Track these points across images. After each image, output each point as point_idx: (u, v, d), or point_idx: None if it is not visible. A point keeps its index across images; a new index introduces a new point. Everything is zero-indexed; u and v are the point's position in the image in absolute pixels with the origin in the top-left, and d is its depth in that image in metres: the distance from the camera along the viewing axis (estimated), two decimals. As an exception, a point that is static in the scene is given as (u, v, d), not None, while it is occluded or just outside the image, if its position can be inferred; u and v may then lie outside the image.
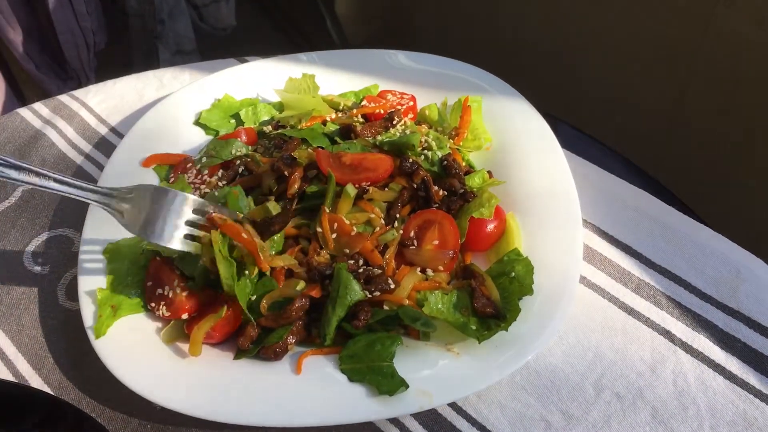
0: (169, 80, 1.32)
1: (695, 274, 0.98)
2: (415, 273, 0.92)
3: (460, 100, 1.15)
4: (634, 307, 0.95)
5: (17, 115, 1.28)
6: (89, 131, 1.25)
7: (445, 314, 0.88)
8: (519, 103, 1.16)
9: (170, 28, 2.34)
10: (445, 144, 1.06)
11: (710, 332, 0.92)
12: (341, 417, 0.81)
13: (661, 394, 0.86)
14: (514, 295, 0.89)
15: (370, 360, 0.85)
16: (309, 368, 0.85)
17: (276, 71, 1.24)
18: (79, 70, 2.33)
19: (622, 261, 1.01)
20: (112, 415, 0.87)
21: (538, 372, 0.89)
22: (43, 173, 0.81)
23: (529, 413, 0.85)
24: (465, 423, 0.85)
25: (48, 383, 0.90)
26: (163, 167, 1.10)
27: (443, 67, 1.24)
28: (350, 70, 1.25)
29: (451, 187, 0.99)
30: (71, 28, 2.21)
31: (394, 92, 1.19)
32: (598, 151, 1.20)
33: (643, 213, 1.06)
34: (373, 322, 0.88)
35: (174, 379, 0.84)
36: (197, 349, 0.87)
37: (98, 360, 0.85)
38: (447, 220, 0.94)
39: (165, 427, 0.85)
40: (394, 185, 0.99)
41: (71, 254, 1.05)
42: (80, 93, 1.31)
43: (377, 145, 1.03)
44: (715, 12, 1.50)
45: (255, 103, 1.21)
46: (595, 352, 0.91)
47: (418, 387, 0.82)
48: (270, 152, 1.07)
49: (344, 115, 1.13)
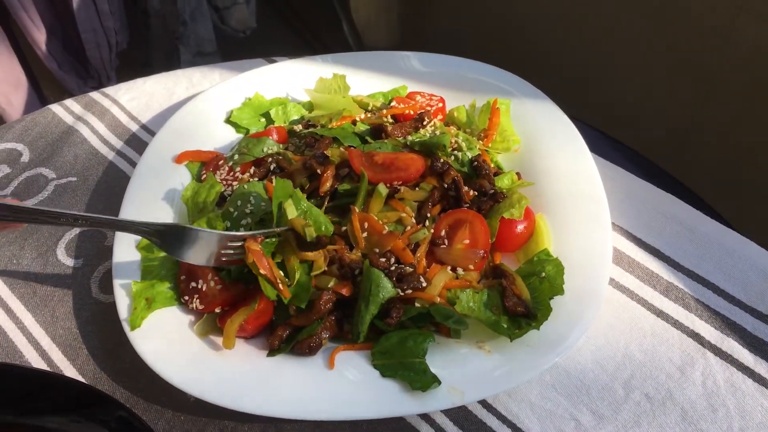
0: (198, 79, 1.34)
1: (723, 277, 0.99)
2: (445, 271, 0.93)
3: (489, 102, 1.16)
4: (662, 309, 0.96)
5: (49, 111, 1.30)
6: (120, 128, 1.26)
7: (477, 312, 0.89)
8: (547, 105, 1.17)
9: (192, 29, 2.36)
10: (474, 145, 1.07)
11: (739, 335, 0.93)
12: (374, 412, 0.82)
13: (690, 396, 0.87)
14: (545, 294, 0.90)
15: (402, 356, 0.85)
16: (342, 363, 0.86)
17: (305, 71, 1.26)
18: (100, 70, 2.35)
19: (651, 264, 1.01)
20: (146, 406, 0.88)
21: (568, 371, 0.90)
22: (105, 220, 0.85)
23: (558, 412, 0.86)
24: (495, 420, 0.86)
25: (82, 374, 0.92)
26: (195, 164, 1.11)
27: (471, 70, 1.25)
28: (378, 72, 1.26)
29: (482, 188, 1.00)
30: (94, 27, 2.24)
31: (423, 93, 1.21)
32: (621, 154, 1.20)
33: (670, 217, 1.07)
34: (405, 320, 0.89)
35: (208, 371, 0.85)
36: (231, 342, 0.88)
37: (132, 351, 0.86)
38: (478, 220, 0.95)
39: (198, 418, 0.87)
40: (425, 185, 1.00)
41: (104, 248, 1.06)
42: (111, 90, 1.33)
43: (408, 145, 1.04)
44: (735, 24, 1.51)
45: (285, 102, 1.22)
46: (624, 353, 0.91)
47: (450, 384, 0.83)
48: (301, 151, 1.09)
49: (374, 115, 1.14)
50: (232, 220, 0.96)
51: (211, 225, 0.96)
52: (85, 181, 1.17)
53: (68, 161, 1.21)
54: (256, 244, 0.89)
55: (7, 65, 2.13)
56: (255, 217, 0.95)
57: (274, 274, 0.88)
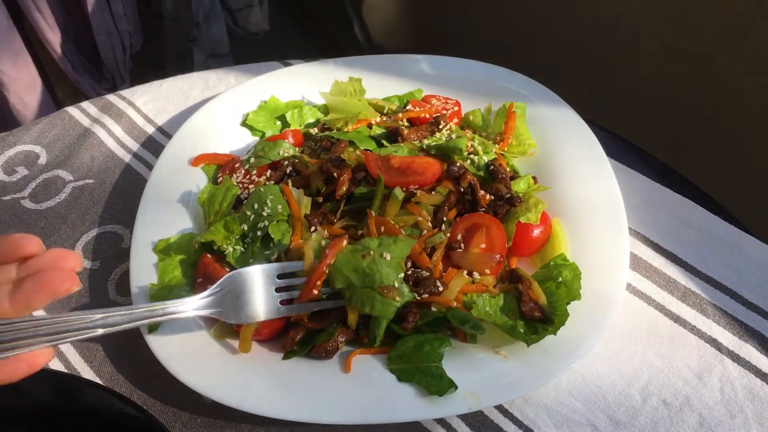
0: (214, 82, 1.34)
1: (741, 283, 0.98)
2: (462, 276, 0.93)
3: (505, 106, 1.16)
4: (680, 315, 0.95)
5: (66, 113, 1.31)
6: (137, 130, 1.27)
7: (493, 317, 0.89)
8: (562, 109, 1.17)
9: (205, 31, 2.37)
10: (490, 149, 1.07)
11: (757, 341, 0.92)
12: (390, 416, 0.82)
13: (708, 402, 0.86)
14: (562, 299, 0.90)
15: (418, 360, 0.85)
16: (358, 367, 0.86)
17: (320, 74, 1.26)
18: (114, 71, 2.37)
19: (668, 269, 1.01)
20: (163, 409, 0.88)
21: (584, 377, 0.89)
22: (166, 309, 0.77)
23: (575, 417, 0.86)
24: (512, 425, 0.86)
25: (99, 375, 0.92)
26: (211, 167, 1.11)
27: (486, 73, 1.25)
28: (394, 75, 1.27)
29: (498, 192, 1.00)
30: (108, 29, 2.25)
31: (438, 97, 1.21)
32: (635, 156, 1.20)
33: (687, 222, 1.06)
34: (421, 324, 0.89)
35: (224, 375, 0.86)
36: (247, 346, 0.88)
37: (149, 354, 0.86)
38: (494, 224, 0.95)
39: (215, 421, 0.87)
40: (441, 189, 1.00)
41: (121, 250, 1.07)
42: (127, 93, 1.33)
43: (424, 148, 1.04)
44: (752, 26, 1.50)
45: (300, 105, 1.22)
46: (641, 359, 0.91)
47: (466, 388, 0.82)
48: (317, 154, 1.09)
49: (389, 118, 1.14)
50: (249, 222, 0.96)
51: (228, 227, 0.96)
52: (102, 183, 1.18)
53: (85, 163, 1.21)
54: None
55: (22, 67, 2.15)
56: (271, 219, 0.95)
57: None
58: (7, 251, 0.63)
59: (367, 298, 0.86)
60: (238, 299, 0.84)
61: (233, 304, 0.83)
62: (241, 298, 0.84)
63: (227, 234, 0.96)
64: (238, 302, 0.84)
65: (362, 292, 0.86)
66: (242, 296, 0.84)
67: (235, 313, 0.84)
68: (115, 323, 0.69)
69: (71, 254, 0.64)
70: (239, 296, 0.84)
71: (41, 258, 0.64)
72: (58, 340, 0.63)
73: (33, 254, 0.64)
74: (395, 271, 0.87)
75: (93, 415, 0.79)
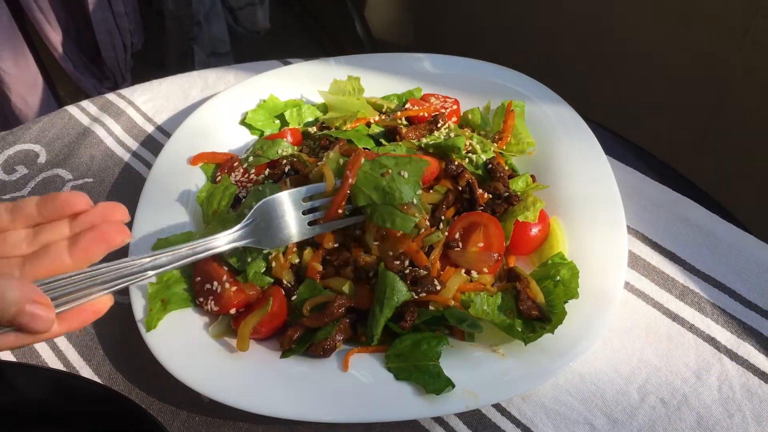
0: (213, 81, 1.35)
1: (740, 282, 0.98)
2: (460, 274, 0.93)
3: (503, 104, 1.16)
4: (678, 314, 0.95)
5: (66, 112, 1.31)
6: (136, 129, 1.27)
7: (491, 316, 0.89)
8: (561, 107, 1.17)
9: (206, 30, 2.37)
10: (489, 148, 1.07)
11: (755, 340, 0.92)
12: (388, 414, 0.82)
13: (706, 401, 0.86)
14: (559, 298, 0.90)
15: (416, 359, 0.85)
16: (355, 366, 0.86)
17: (319, 73, 1.26)
18: (115, 70, 2.37)
19: (666, 267, 1.01)
20: (161, 407, 0.89)
21: (582, 375, 0.89)
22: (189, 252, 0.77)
23: (573, 416, 0.86)
24: (509, 424, 0.86)
25: (98, 374, 0.92)
26: (209, 165, 1.11)
27: (485, 72, 1.25)
28: (393, 73, 1.26)
29: (496, 191, 1.00)
30: (109, 28, 2.26)
31: (437, 95, 1.20)
32: (634, 154, 1.20)
33: (686, 220, 1.06)
34: (419, 323, 0.89)
35: (222, 373, 0.86)
36: (245, 344, 0.88)
37: (147, 353, 0.87)
38: (492, 223, 0.95)
39: (213, 419, 0.87)
40: (439, 187, 0.99)
41: (119, 249, 1.06)
42: (127, 92, 1.34)
43: (422, 147, 1.04)
44: (751, 25, 1.50)
45: (299, 104, 1.22)
46: (639, 357, 0.91)
47: (464, 387, 0.82)
48: (315, 153, 1.09)
49: (388, 117, 1.14)
50: (247, 221, 0.96)
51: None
52: (101, 182, 1.18)
53: (84, 162, 1.22)
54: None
55: (23, 66, 2.15)
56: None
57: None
58: (59, 209, 0.67)
59: (387, 214, 0.89)
60: (270, 227, 0.88)
61: (266, 232, 0.88)
62: (273, 224, 0.89)
63: (225, 233, 0.96)
64: (270, 230, 0.88)
65: (383, 209, 0.89)
66: (273, 223, 0.89)
67: (269, 239, 0.88)
68: (162, 264, 0.73)
69: (118, 206, 0.68)
70: (271, 223, 0.89)
71: (91, 213, 0.67)
72: (115, 285, 0.67)
73: (83, 210, 0.67)
74: (413, 188, 0.90)
75: (91, 413, 0.79)
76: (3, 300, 0.58)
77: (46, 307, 0.60)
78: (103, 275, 0.66)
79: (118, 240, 0.66)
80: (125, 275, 0.68)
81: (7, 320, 0.58)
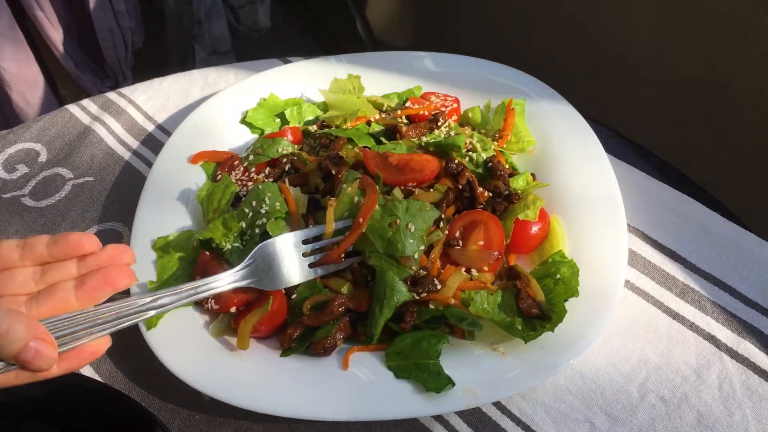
0: (214, 79, 1.35)
1: (740, 280, 0.98)
2: (460, 273, 0.93)
3: (504, 102, 1.16)
4: (678, 312, 0.95)
5: (66, 111, 1.31)
6: (136, 128, 1.27)
7: (491, 314, 0.89)
8: (562, 106, 1.17)
9: (207, 28, 2.37)
10: (489, 146, 1.07)
11: (756, 338, 0.92)
12: (388, 412, 0.82)
13: (706, 399, 0.86)
14: (560, 296, 0.90)
15: (416, 357, 0.85)
16: (356, 364, 0.86)
17: (320, 72, 1.26)
18: (116, 69, 2.37)
19: (667, 265, 1.01)
20: (162, 405, 0.89)
21: (582, 374, 0.89)
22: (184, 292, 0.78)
23: (573, 414, 0.86)
24: (510, 422, 0.86)
25: (98, 372, 0.93)
26: (210, 164, 1.12)
27: (485, 70, 1.25)
28: (393, 72, 1.26)
29: (496, 189, 1.00)
30: (110, 27, 2.25)
31: (438, 94, 1.20)
32: (634, 152, 1.20)
33: (687, 218, 1.06)
34: (419, 321, 0.89)
35: (223, 371, 0.86)
36: (245, 342, 0.88)
37: (147, 351, 0.87)
38: (492, 221, 0.95)
39: (214, 418, 0.87)
40: (440, 186, 0.99)
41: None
42: (127, 90, 1.34)
43: (423, 146, 1.04)
44: (753, 22, 1.50)
45: (300, 102, 1.22)
46: (639, 356, 0.91)
47: (464, 385, 0.82)
48: (316, 151, 1.09)
49: (388, 115, 1.14)
50: (247, 219, 0.96)
51: (227, 224, 0.96)
52: (101, 180, 1.18)
53: (85, 161, 1.22)
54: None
55: (24, 64, 2.15)
56: (269, 216, 0.95)
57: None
58: (68, 250, 0.68)
59: (386, 263, 0.90)
60: (271, 268, 0.89)
61: (267, 273, 0.89)
62: (274, 266, 0.89)
63: (225, 231, 0.96)
64: (271, 271, 0.89)
65: (382, 256, 0.90)
66: (274, 265, 0.90)
67: (271, 281, 0.89)
68: (164, 304, 0.74)
69: (126, 250, 0.70)
70: (271, 265, 0.89)
71: (99, 255, 0.68)
72: (115, 326, 0.68)
73: (91, 252, 0.68)
74: (417, 243, 0.90)
75: (92, 412, 0.79)
76: (10, 333, 0.58)
77: (50, 345, 0.60)
78: (104, 315, 0.67)
79: (123, 283, 0.67)
80: (126, 315, 0.69)
81: (10, 355, 0.58)
